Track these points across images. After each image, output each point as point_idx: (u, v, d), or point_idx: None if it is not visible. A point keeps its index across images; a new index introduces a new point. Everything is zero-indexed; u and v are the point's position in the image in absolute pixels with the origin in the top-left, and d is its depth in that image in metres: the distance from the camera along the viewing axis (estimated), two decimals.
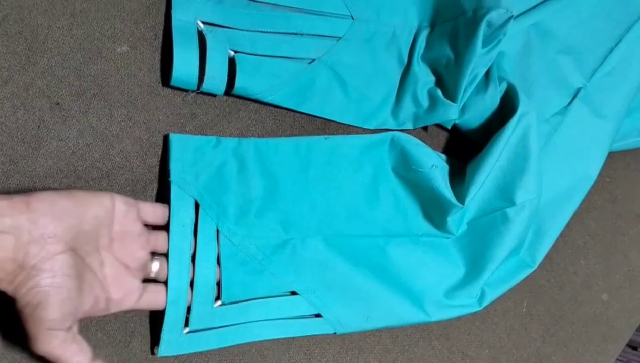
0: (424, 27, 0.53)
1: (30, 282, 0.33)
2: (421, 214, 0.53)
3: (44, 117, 0.43)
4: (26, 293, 0.33)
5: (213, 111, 0.48)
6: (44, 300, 0.34)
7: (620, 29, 0.59)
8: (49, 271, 0.34)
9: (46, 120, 0.43)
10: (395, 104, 0.53)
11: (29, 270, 0.33)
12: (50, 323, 0.34)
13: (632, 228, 0.66)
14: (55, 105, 0.43)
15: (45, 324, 0.34)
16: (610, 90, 0.59)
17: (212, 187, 0.46)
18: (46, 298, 0.34)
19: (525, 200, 0.51)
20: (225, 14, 0.47)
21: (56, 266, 0.34)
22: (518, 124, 0.51)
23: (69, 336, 0.35)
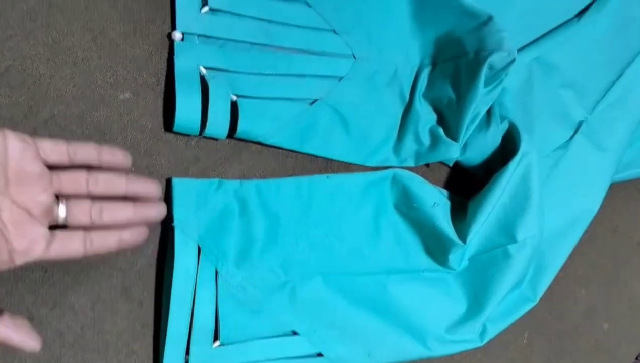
0: (425, 64, 0.53)
1: None
2: (423, 250, 0.54)
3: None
4: None
5: (215, 154, 0.48)
6: None
7: (622, 61, 0.59)
8: None
9: None
10: (397, 142, 0.53)
11: None
12: None
13: (633, 257, 0.66)
14: None
15: None
16: (612, 123, 0.59)
17: (213, 230, 0.46)
18: None
19: (527, 237, 0.51)
20: (227, 57, 0.47)
21: None
22: (520, 163, 0.51)
23: None
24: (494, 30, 0.50)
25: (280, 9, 0.49)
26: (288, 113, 0.49)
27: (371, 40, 0.52)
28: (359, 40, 0.52)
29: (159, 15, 0.46)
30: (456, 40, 0.52)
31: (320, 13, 0.50)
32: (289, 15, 0.49)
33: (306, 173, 0.51)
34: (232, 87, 0.46)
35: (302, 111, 0.49)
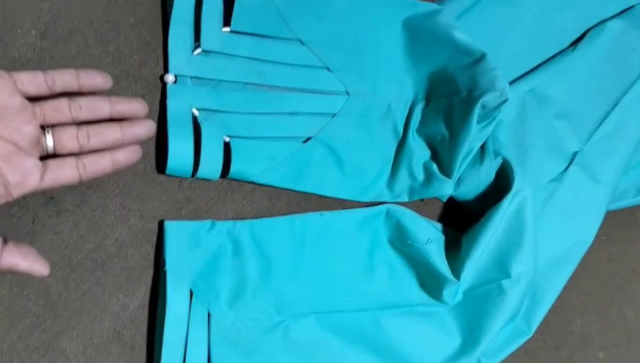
0: (419, 100, 0.53)
1: None
2: (417, 284, 0.53)
3: (38, 212, 0.43)
4: None
5: (208, 194, 0.48)
6: None
7: (617, 91, 0.59)
8: None
9: (40, 215, 0.43)
10: (390, 177, 0.53)
11: None
12: None
13: (628, 284, 0.66)
14: (49, 200, 0.43)
15: None
16: (607, 154, 0.59)
17: (206, 272, 0.46)
18: None
19: (521, 273, 0.51)
20: (220, 98, 0.47)
21: None
22: (513, 199, 0.51)
23: None
24: (487, 69, 0.50)
25: (273, 47, 0.49)
26: (281, 152, 0.49)
27: (364, 76, 0.52)
28: (353, 77, 0.52)
29: (151, 58, 0.46)
30: (449, 77, 0.52)
31: (313, 51, 0.50)
32: (282, 53, 0.49)
33: (300, 210, 0.51)
34: (225, 128, 0.46)
35: (296, 150, 0.49)
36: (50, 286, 0.43)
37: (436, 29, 0.52)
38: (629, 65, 0.60)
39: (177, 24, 0.45)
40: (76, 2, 0.44)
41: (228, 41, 0.47)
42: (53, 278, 0.43)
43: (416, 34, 0.53)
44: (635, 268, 0.66)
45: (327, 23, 0.51)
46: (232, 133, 0.47)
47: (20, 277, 0.43)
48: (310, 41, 0.50)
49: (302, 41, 0.50)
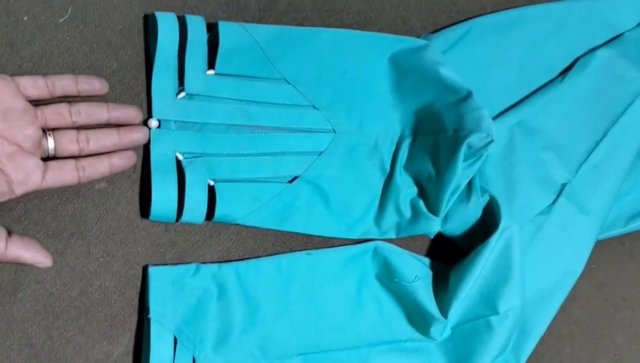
0: (406, 135, 0.53)
1: None
2: (405, 320, 0.53)
3: None
4: None
5: (193, 237, 0.48)
6: None
7: (606, 121, 0.59)
8: None
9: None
10: (378, 213, 0.53)
11: None
12: None
13: (618, 312, 0.66)
14: None
15: None
16: (595, 185, 0.58)
17: (191, 318, 0.46)
18: None
19: (509, 309, 0.51)
20: (204, 141, 0.46)
21: None
22: (500, 237, 0.51)
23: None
24: (473, 108, 0.50)
25: (258, 88, 0.49)
26: (266, 194, 0.48)
27: (351, 113, 0.52)
28: (339, 114, 0.52)
29: (134, 102, 0.46)
30: (436, 115, 0.51)
31: (299, 90, 0.50)
32: (267, 93, 0.49)
33: (286, 249, 0.51)
34: (210, 171, 0.46)
35: (281, 191, 0.49)
36: (33, 336, 0.43)
37: (423, 66, 0.52)
38: (618, 94, 0.60)
39: (160, 67, 0.45)
40: (57, 49, 0.44)
41: (212, 83, 0.47)
42: (36, 327, 0.43)
43: (403, 70, 0.53)
44: (625, 296, 0.66)
45: (313, 61, 0.51)
46: (217, 176, 0.46)
47: (3, 327, 0.43)
48: (295, 80, 0.50)
49: (288, 80, 0.50)
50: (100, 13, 0.45)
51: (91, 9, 0.45)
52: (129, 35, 0.46)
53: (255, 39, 0.49)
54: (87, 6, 0.45)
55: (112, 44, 0.45)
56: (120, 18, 0.46)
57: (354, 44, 0.53)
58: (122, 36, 0.46)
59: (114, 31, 0.45)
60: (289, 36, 0.50)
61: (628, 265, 0.66)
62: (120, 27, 0.46)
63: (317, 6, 0.52)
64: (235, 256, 0.49)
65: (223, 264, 0.48)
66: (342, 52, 0.52)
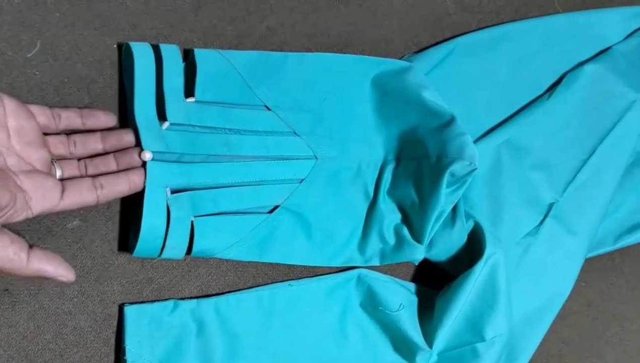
0: (389, 160, 0.52)
1: None
2: (391, 347, 0.53)
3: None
4: None
5: (170, 273, 0.47)
6: None
7: (594, 138, 0.58)
8: None
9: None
10: (361, 240, 0.52)
11: None
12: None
13: (608, 329, 0.65)
14: (4, 292, 0.42)
15: None
16: (583, 204, 0.58)
17: (169, 357, 0.45)
18: None
19: (495, 336, 0.51)
20: (188, 173, 0.45)
21: None
22: (486, 264, 0.50)
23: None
24: (456, 134, 0.49)
25: (238, 115, 0.47)
26: (246, 226, 0.47)
27: (333, 137, 0.51)
28: (321, 140, 0.50)
29: None
30: (419, 140, 0.50)
31: (280, 116, 0.49)
32: (248, 121, 0.48)
33: (268, 280, 0.50)
34: (194, 207, 0.44)
35: (261, 222, 0.48)
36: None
37: (406, 89, 0.51)
38: (606, 110, 0.59)
39: (141, 99, 0.43)
40: (26, 84, 0.43)
41: (193, 112, 0.46)
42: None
43: (385, 93, 0.52)
44: (615, 313, 0.65)
45: (293, 86, 0.50)
46: (200, 211, 0.45)
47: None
48: (276, 106, 0.49)
49: (268, 106, 0.49)
50: (70, 45, 0.44)
51: (60, 42, 0.43)
52: (101, 67, 0.44)
53: (234, 65, 0.48)
54: (56, 39, 0.43)
55: (84, 77, 0.44)
56: (90, 50, 0.44)
57: (334, 67, 0.51)
58: (94, 69, 0.44)
59: (84, 64, 0.44)
60: (268, 61, 0.49)
61: (618, 281, 0.65)
62: (91, 60, 0.44)
63: (296, 30, 0.51)
64: (215, 290, 0.48)
65: (202, 300, 0.47)
66: (322, 76, 0.51)
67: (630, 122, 0.58)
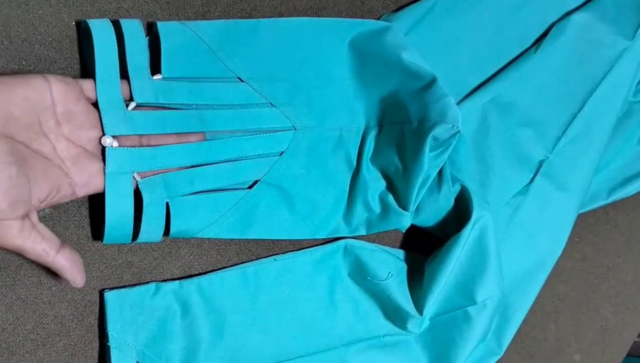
0: (371, 126, 0.50)
1: None
2: (382, 315, 0.52)
3: None
4: None
5: (151, 255, 0.46)
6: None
7: (584, 91, 0.57)
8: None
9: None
10: (347, 210, 0.51)
11: None
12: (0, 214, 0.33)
13: (603, 283, 0.65)
14: None
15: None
16: (574, 159, 0.56)
17: (154, 340, 0.44)
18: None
19: (487, 299, 0.50)
20: (159, 155, 0.43)
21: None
22: (474, 227, 0.49)
23: (26, 225, 0.35)
24: (438, 96, 0.47)
25: (210, 89, 0.45)
26: (225, 204, 0.46)
27: (312, 106, 0.49)
28: (299, 109, 0.48)
29: None
30: (400, 104, 0.48)
31: (254, 87, 0.47)
32: (222, 94, 0.45)
33: (252, 257, 0.49)
34: (168, 188, 0.43)
35: (240, 198, 0.47)
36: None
37: (384, 51, 0.49)
38: (595, 60, 0.57)
39: (103, 80, 0.40)
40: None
41: (162, 90, 0.43)
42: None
43: (364, 56, 0.50)
44: (610, 266, 0.65)
45: (266, 55, 0.48)
46: (174, 193, 0.43)
47: None
48: (249, 77, 0.47)
49: (241, 78, 0.46)
50: (26, 26, 0.41)
51: (15, 23, 0.41)
52: (60, 46, 0.42)
53: (200, 36, 0.45)
54: (10, 20, 0.41)
55: (43, 58, 0.42)
56: (48, 29, 0.42)
57: (309, 32, 0.49)
58: (53, 49, 0.42)
59: (42, 44, 0.42)
60: (238, 30, 0.47)
61: (612, 234, 0.65)
62: (49, 39, 0.42)
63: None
64: (197, 269, 0.47)
65: (184, 280, 0.46)
66: (296, 41, 0.49)
67: (621, 72, 0.56)
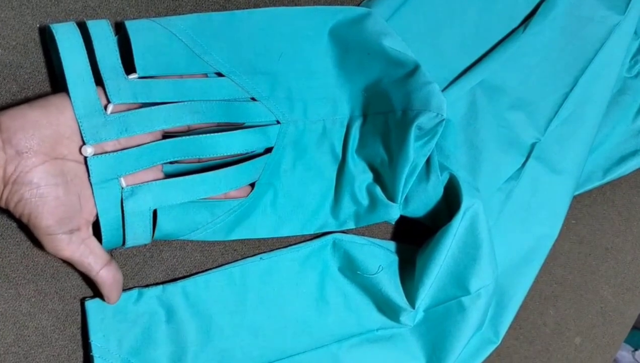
0: (355, 117, 0.49)
1: (15, 196, 0.35)
2: (375, 308, 0.51)
3: None
4: (16, 206, 0.36)
5: (132, 260, 0.44)
6: (34, 210, 0.35)
7: (575, 70, 0.55)
8: (30, 184, 0.35)
9: None
10: (334, 204, 0.50)
11: (11, 185, 0.35)
12: (48, 229, 0.36)
13: (602, 264, 0.63)
14: None
15: (43, 231, 0.36)
16: (567, 141, 0.55)
17: (139, 347, 0.43)
18: (35, 209, 0.35)
19: (481, 288, 0.49)
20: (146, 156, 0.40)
21: (36, 178, 0.35)
22: (464, 217, 0.48)
23: (74, 238, 0.37)
24: (421, 83, 0.45)
25: (191, 87, 0.43)
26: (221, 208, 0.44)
27: (293, 99, 0.47)
28: (281, 103, 0.47)
29: None
30: (383, 93, 0.47)
31: (235, 81, 0.45)
32: (203, 91, 0.43)
33: (237, 256, 0.48)
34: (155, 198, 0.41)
35: (237, 203, 0.45)
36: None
37: (365, 38, 0.47)
38: (586, 38, 0.55)
39: (75, 85, 0.38)
40: None
41: (140, 88, 0.40)
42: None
43: (344, 44, 0.48)
44: (608, 246, 0.64)
45: (244, 48, 0.46)
46: (163, 203, 0.41)
47: None
48: (229, 71, 0.45)
49: (221, 73, 0.44)
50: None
51: None
52: (25, 50, 0.41)
53: (174, 32, 0.43)
54: None
55: (8, 63, 0.40)
56: (12, 33, 0.40)
57: (286, 22, 0.47)
58: (18, 53, 0.41)
59: (7, 49, 0.40)
60: (212, 23, 0.45)
61: (610, 214, 0.63)
62: (14, 44, 0.40)
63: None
64: (181, 272, 0.46)
65: (168, 285, 0.45)
66: (274, 33, 0.47)
67: (613, 48, 0.54)
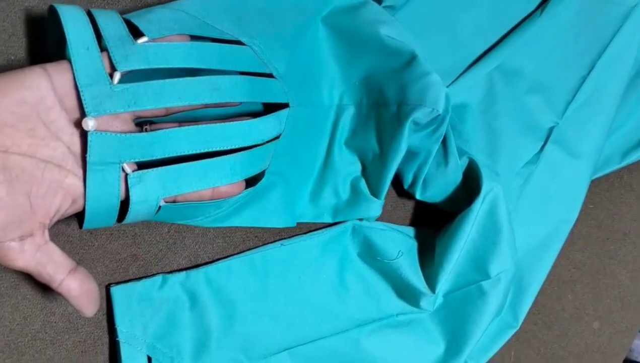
0: (348, 107, 0.48)
1: None
2: (394, 294, 0.51)
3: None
4: None
5: (155, 247, 0.45)
6: None
7: (592, 53, 0.55)
8: None
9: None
10: (313, 194, 0.49)
11: None
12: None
13: (620, 248, 0.63)
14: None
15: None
16: (585, 124, 0.55)
17: (164, 332, 0.44)
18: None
19: (501, 272, 0.49)
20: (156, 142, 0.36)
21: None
22: (484, 201, 0.48)
23: (27, 246, 0.31)
24: (418, 75, 0.44)
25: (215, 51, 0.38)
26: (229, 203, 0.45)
27: (298, 81, 0.46)
28: (294, 83, 0.45)
29: None
30: (378, 84, 0.46)
31: (257, 52, 0.42)
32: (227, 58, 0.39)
33: (258, 242, 0.48)
34: (165, 187, 0.37)
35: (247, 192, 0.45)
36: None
37: (361, 26, 0.46)
38: (603, 20, 0.55)
39: (78, 52, 0.33)
40: None
41: (153, 52, 0.35)
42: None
43: (339, 33, 0.47)
44: (627, 231, 0.63)
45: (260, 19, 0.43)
46: (173, 192, 0.38)
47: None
48: (250, 41, 0.41)
49: (241, 41, 0.40)
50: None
51: None
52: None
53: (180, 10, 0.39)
54: None
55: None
56: None
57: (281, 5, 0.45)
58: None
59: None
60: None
61: (628, 199, 0.63)
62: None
63: None
64: (204, 259, 0.46)
65: (191, 271, 0.45)
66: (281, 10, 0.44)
67: (631, 31, 0.54)
